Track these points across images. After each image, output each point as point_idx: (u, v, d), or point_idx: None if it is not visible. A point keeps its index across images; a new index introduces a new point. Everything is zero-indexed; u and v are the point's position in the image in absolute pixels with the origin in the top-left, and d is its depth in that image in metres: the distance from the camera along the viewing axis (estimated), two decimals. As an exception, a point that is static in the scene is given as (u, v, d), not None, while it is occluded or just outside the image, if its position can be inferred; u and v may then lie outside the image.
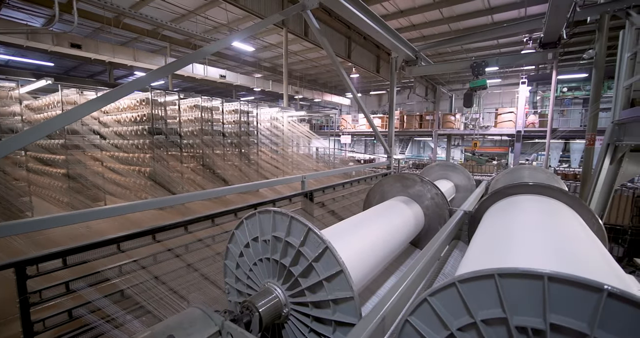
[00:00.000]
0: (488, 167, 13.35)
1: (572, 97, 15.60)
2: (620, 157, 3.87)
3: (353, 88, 5.06)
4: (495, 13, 10.62)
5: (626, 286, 1.11)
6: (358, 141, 27.30)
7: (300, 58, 16.93)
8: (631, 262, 3.72)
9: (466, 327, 0.94)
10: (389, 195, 2.88)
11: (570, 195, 2.36)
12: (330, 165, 12.77)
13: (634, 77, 3.57)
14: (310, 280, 1.25)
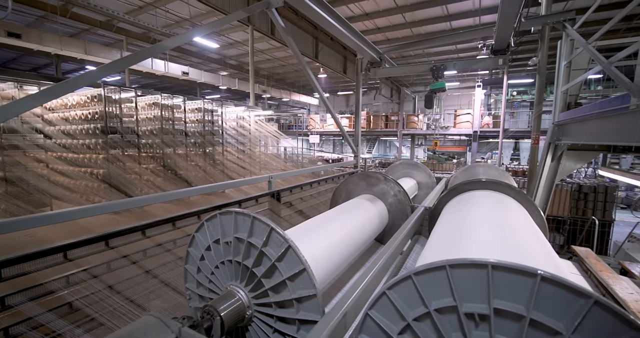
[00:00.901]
0: (448, 165, 14.12)
1: (520, 100, 17.00)
2: (559, 155, 4.29)
3: (319, 88, 5.10)
4: (453, 20, 11.25)
5: (559, 271, 1.23)
6: (327, 141, 27.54)
7: (268, 57, 16.71)
8: (570, 249, 4.14)
9: (421, 316, 0.99)
10: (355, 193, 2.94)
11: (517, 190, 2.57)
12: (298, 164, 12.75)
13: (569, 83, 3.97)
14: (274, 280, 1.24)
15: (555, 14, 4.07)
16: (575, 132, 3.81)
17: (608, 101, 2.77)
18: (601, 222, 6.59)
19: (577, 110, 3.74)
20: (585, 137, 3.45)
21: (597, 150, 4.12)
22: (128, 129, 4.77)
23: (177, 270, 2.23)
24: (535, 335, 0.87)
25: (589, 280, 3.30)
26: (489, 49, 5.66)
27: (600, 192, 6.99)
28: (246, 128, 8.45)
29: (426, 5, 10.16)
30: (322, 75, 17.15)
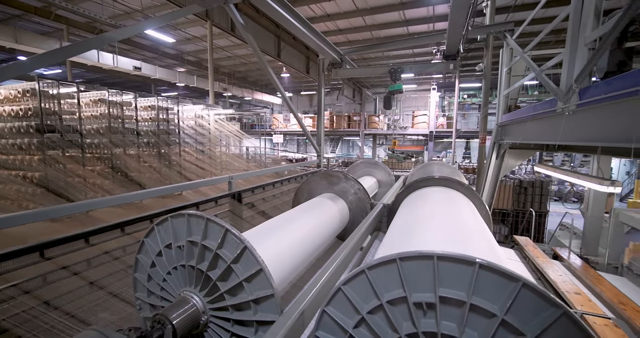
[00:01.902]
0: (407, 164, 14.81)
1: (470, 102, 18.35)
2: (503, 153, 4.70)
3: (281, 87, 5.06)
4: (410, 25, 11.80)
5: (498, 259, 1.35)
6: (290, 140, 27.41)
7: (228, 54, 16.19)
8: (512, 238, 4.57)
9: (375, 309, 1.03)
10: (316, 192, 2.97)
11: (466, 186, 2.78)
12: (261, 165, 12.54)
13: (510, 88, 4.37)
14: (230, 282, 1.21)
15: (497, 24, 4.46)
16: (515, 132, 4.20)
17: (540, 105, 3.09)
18: (538, 213, 7.37)
19: (516, 113, 4.13)
20: (522, 136, 3.83)
21: (533, 149, 4.59)
22: (69, 128, 4.33)
23: (127, 280, 2.08)
24: (475, 318, 0.95)
25: (527, 265, 3.68)
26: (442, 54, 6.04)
27: (537, 186, 7.79)
28: (205, 127, 8.11)
29: (384, 9, 10.54)
30: (284, 75, 17.04)
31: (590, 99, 2.06)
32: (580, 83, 2.26)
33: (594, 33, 2.19)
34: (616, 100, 1.76)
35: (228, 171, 7.68)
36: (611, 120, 1.91)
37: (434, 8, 10.40)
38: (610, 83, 1.86)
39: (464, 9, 3.53)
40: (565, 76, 2.45)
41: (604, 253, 4.00)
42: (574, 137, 2.52)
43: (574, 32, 2.39)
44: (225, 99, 22.03)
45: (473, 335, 0.95)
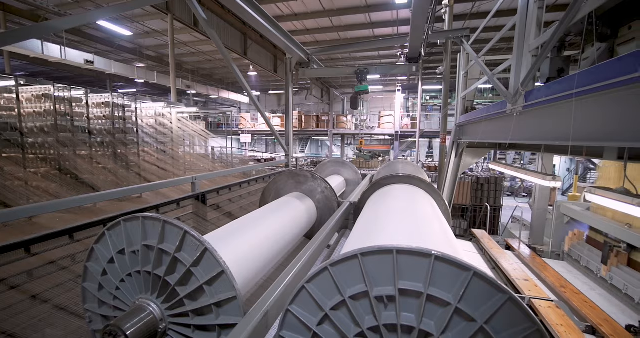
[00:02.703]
0: (374, 163, 15.21)
1: (433, 104, 19.28)
2: (461, 152, 4.99)
3: (247, 86, 4.96)
4: (375, 28, 12.12)
5: (454, 251, 1.43)
6: (259, 140, 26.95)
7: (192, 50, 15.54)
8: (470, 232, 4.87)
9: (338, 305, 1.04)
10: (283, 192, 2.94)
11: (427, 183, 2.91)
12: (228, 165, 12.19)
13: (466, 90, 4.65)
14: (190, 287, 1.16)
15: (454, 30, 4.72)
16: (472, 132, 4.48)
17: (492, 106, 3.33)
18: (493, 207, 7.93)
19: (472, 114, 4.40)
20: (478, 136, 4.09)
21: (487, 148, 4.92)
22: (6, 125, 3.89)
23: (76, 291, 1.91)
24: (432, 308, 1.00)
25: (483, 256, 3.94)
26: (405, 56, 6.26)
27: (492, 183, 8.38)
28: (167, 126, 7.73)
29: (351, 11, 10.72)
30: (252, 73, 16.73)
31: (534, 101, 2.25)
32: (526, 87, 2.46)
33: (536, 41, 2.40)
34: (555, 102, 1.94)
35: (192, 172, 7.37)
36: (551, 121, 2.11)
37: (398, 12, 10.78)
38: (550, 87, 2.05)
39: (424, 15, 3.69)
40: (513, 80, 2.66)
41: (548, 242, 4.41)
42: (521, 136, 2.74)
43: (520, 40, 2.60)
44: (189, 97, 21.15)
45: (430, 324, 1.00)
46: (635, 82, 1.28)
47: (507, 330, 0.94)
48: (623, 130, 1.47)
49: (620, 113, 1.47)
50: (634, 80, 1.28)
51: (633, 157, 2.21)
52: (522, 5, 2.58)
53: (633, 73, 1.26)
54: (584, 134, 1.72)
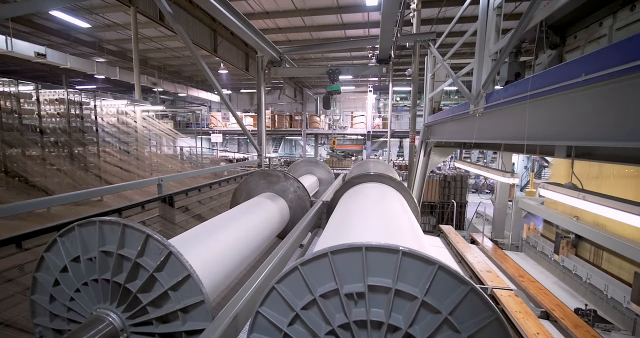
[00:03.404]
0: (347, 162, 15.41)
1: (403, 105, 19.88)
2: (429, 151, 5.19)
3: (217, 84, 4.82)
4: (347, 29, 12.26)
5: (421, 246, 1.48)
6: (231, 140, 26.32)
7: (158, 45, 14.83)
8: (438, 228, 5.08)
9: (308, 304, 1.04)
10: (255, 192, 2.89)
11: (397, 181, 2.99)
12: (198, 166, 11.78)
13: (433, 91, 4.85)
14: (154, 293, 1.11)
15: (422, 34, 4.90)
16: (439, 132, 4.67)
17: (457, 107, 3.49)
18: (459, 204, 8.34)
19: (439, 114, 4.59)
20: (444, 136, 4.27)
21: (453, 147, 5.16)
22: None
23: (25, 305, 1.75)
24: (400, 302, 1.02)
25: (450, 251, 4.13)
26: (376, 58, 6.39)
27: (458, 180, 8.80)
28: (131, 125, 7.32)
29: (323, 12, 10.77)
30: (222, 71, 16.28)
31: (494, 103, 2.39)
32: (487, 89, 2.61)
33: (495, 46, 2.55)
34: (512, 104, 2.08)
35: (159, 173, 7.03)
36: (509, 121, 2.25)
37: (369, 14, 10.98)
38: (507, 89, 2.18)
39: (393, 17, 3.79)
40: (475, 82, 2.81)
41: (508, 235, 4.72)
42: (484, 135, 2.90)
43: (481, 45, 2.75)
44: (156, 95, 20.16)
45: (398, 318, 1.02)
46: (580, 85, 1.40)
47: (470, 319, 0.99)
48: (570, 130, 1.60)
49: (568, 114, 1.59)
50: (579, 84, 1.39)
51: (580, 155, 2.42)
52: (483, 12, 2.73)
53: (578, 77, 1.37)
54: (537, 133, 1.85)
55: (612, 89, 1.30)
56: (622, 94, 1.26)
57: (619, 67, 1.17)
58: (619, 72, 1.18)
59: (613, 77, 1.24)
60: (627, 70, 1.15)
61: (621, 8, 2.17)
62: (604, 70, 1.23)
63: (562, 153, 2.48)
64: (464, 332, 0.97)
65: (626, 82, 1.22)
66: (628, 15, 2.12)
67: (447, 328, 1.00)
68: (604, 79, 1.28)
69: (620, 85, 1.26)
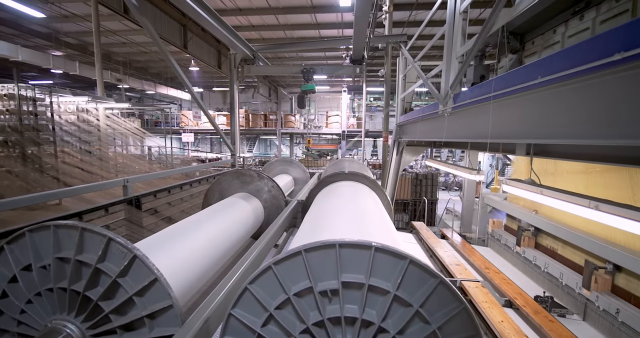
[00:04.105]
0: (323, 161, 15.49)
1: (376, 105, 20.29)
2: (401, 150, 5.33)
3: (187, 81, 4.65)
4: (321, 29, 12.30)
5: (394, 242, 1.52)
6: (203, 139, 25.54)
7: (123, 40, 14.04)
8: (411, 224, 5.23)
9: (282, 304, 1.03)
10: (228, 192, 2.82)
11: (371, 179, 3.04)
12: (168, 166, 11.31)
13: (405, 92, 4.99)
14: (117, 300, 1.04)
15: (394, 35, 5.02)
16: (410, 131, 4.81)
17: (427, 107, 3.61)
18: (430, 201, 8.67)
19: (410, 114, 4.73)
20: (416, 135, 4.40)
21: (424, 146, 5.34)
22: None
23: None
24: (373, 298, 1.04)
25: (422, 246, 4.27)
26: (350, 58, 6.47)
27: (429, 178, 9.13)
28: (93, 123, 6.87)
29: (297, 11, 10.72)
30: (193, 68, 15.75)
31: (461, 103, 2.50)
32: (454, 89, 2.72)
33: (461, 49, 2.67)
34: (477, 104, 2.18)
35: (125, 174, 6.66)
36: (474, 121, 2.37)
37: (342, 15, 11.09)
38: (473, 90, 2.29)
39: (366, 19, 3.85)
40: (443, 83, 2.92)
41: (475, 230, 4.96)
42: (452, 135, 3.02)
43: (448, 48, 2.87)
44: (121, 92, 19.10)
45: (372, 313, 1.04)
46: (537, 87, 1.50)
47: (440, 310, 1.02)
48: (529, 129, 1.71)
49: (527, 114, 1.70)
50: (536, 86, 1.49)
51: (538, 153, 2.59)
52: (450, 16, 2.84)
53: (535, 79, 1.47)
54: (500, 132, 1.96)
55: (564, 90, 1.40)
56: (574, 96, 1.37)
57: (569, 70, 1.26)
58: (570, 75, 1.28)
59: (565, 80, 1.33)
60: (577, 73, 1.24)
61: (572, 17, 2.35)
62: (557, 73, 1.33)
63: (522, 151, 2.64)
64: (434, 323, 1.01)
65: (576, 84, 1.33)
66: (578, 24, 2.30)
67: (418, 321, 1.03)
68: (557, 81, 1.38)
69: (571, 87, 1.36)
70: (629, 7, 1.88)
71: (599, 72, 1.17)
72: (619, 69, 1.09)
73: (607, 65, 1.09)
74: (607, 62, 1.08)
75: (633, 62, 1.01)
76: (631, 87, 1.09)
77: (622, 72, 1.10)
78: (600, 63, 1.11)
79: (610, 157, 1.82)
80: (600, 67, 1.13)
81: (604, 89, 1.20)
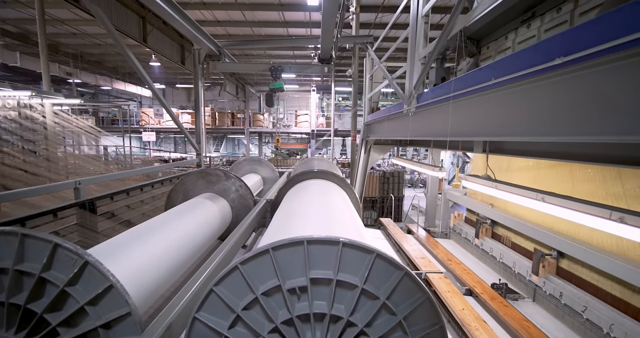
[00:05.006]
0: (292, 161, 15.42)
1: (345, 105, 20.58)
2: (369, 148, 5.45)
3: (147, 76, 4.40)
4: (289, 27, 12.20)
5: (362, 238, 1.55)
6: (166, 139, 24.30)
7: (74, 30, 12.92)
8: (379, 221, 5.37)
9: (250, 304, 1.01)
10: (193, 193, 2.71)
11: (339, 177, 3.07)
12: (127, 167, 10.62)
13: (372, 92, 5.10)
14: (66, 311, 0.96)
15: (360, 36, 5.12)
16: (377, 130, 4.94)
17: (392, 107, 3.73)
18: (397, 197, 8.98)
19: (377, 113, 4.85)
20: (383, 134, 4.52)
21: (391, 144, 5.50)
22: None
23: None
24: (341, 293, 1.05)
25: (389, 241, 4.40)
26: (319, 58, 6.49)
27: (396, 176, 9.44)
28: (39, 121, 6.26)
29: (264, 7, 10.54)
30: (154, 63, 14.92)
31: (423, 103, 2.62)
32: (417, 90, 2.83)
33: (424, 51, 2.78)
34: (438, 104, 2.29)
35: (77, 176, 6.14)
36: (436, 120, 2.48)
37: (311, 14, 11.09)
38: (434, 91, 2.41)
39: (333, 19, 3.90)
40: (407, 84, 3.03)
41: (439, 224, 5.22)
42: (416, 133, 3.14)
43: (412, 50, 2.98)
44: (72, 87, 17.59)
45: (340, 308, 1.05)
46: (491, 88, 1.60)
47: (405, 301, 1.06)
48: (484, 127, 1.83)
49: (482, 113, 1.82)
50: (490, 87, 1.59)
51: (493, 150, 2.78)
52: (413, 19, 2.95)
53: (489, 81, 1.57)
54: (458, 130, 2.07)
55: (515, 91, 1.52)
56: (523, 96, 1.48)
57: (518, 73, 1.37)
58: (519, 77, 1.38)
59: (515, 81, 1.44)
60: (525, 75, 1.35)
61: (520, 25, 2.55)
62: (508, 75, 1.43)
63: (479, 148, 2.82)
64: (400, 314, 1.04)
65: (525, 85, 1.44)
66: (526, 32, 2.50)
67: (385, 313, 1.06)
68: (508, 82, 1.49)
69: (521, 88, 1.47)
70: (567, 18, 2.08)
71: (543, 75, 1.28)
72: (560, 72, 1.20)
73: (550, 69, 1.20)
74: (549, 66, 1.19)
75: (571, 66, 1.12)
76: (570, 89, 1.20)
77: (562, 75, 1.21)
78: (543, 66, 1.22)
79: (555, 153, 2.01)
80: (544, 70, 1.23)
81: (548, 90, 1.32)
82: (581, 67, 1.10)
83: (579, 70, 1.13)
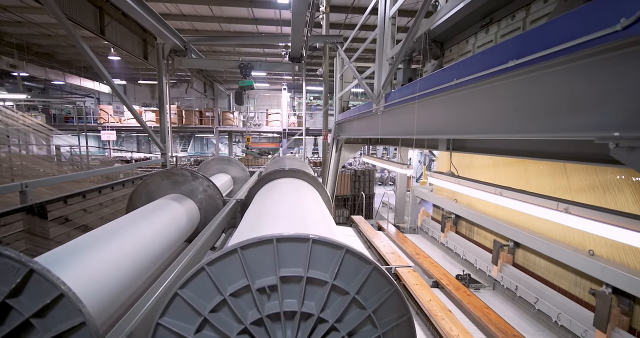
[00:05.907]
0: (263, 160, 15.21)
1: (316, 104, 20.66)
2: (340, 147, 5.51)
3: (105, 71, 4.12)
4: (259, 24, 11.99)
5: (333, 235, 1.56)
6: (128, 138, 22.93)
7: (18, 18, 11.76)
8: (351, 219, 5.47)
9: (218, 306, 0.97)
10: (157, 194, 2.58)
11: (311, 176, 3.07)
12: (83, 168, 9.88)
13: (342, 91, 5.17)
14: (7, 326, 0.87)
15: (330, 36, 5.15)
16: (348, 129, 5.00)
17: (362, 106, 3.80)
18: (367, 195, 9.17)
19: (347, 113, 4.92)
20: (353, 133, 4.59)
21: (361, 143, 5.60)
22: None
23: None
24: (312, 290, 1.05)
25: (361, 238, 4.50)
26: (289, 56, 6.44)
27: (366, 174, 9.64)
28: (-23, 117, 5.64)
29: (233, 3, 10.26)
30: (114, 58, 14.00)
31: (391, 102, 2.69)
32: (385, 89, 2.91)
33: (391, 51, 2.86)
34: (405, 103, 2.37)
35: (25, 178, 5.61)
36: (402, 119, 2.57)
37: (281, 12, 10.97)
38: (401, 91, 2.49)
39: (303, 17, 3.88)
40: (376, 84, 3.10)
41: (407, 220, 5.42)
42: (385, 132, 3.23)
43: (380, 51, 3.05)
44: (17, 81, 16.02)
45: (311, 305, 1.05)
46: (453, 88, 1.68)
47: (374, 295, 1.08)
48: (448, 126, 1.91)
49: (445, 112, 1.90)
50: (452, 87, 1.67)
51: (456, 148, 2.93)
52: (380, 21, 3.02)
53: (451, 81, 1.64)
54: (424, 129, 2.16)
55: (475, 91, 1.61)
56: (483, 96, 1.57)
57: (478, 73, 1.45)
58: (479, 78, 1.46)
59: (475, 82, 1.53)
60: (484, 76, 1.43)
61: (480, 30, 2.70)
62: (469, 75, 1.51)
63: (444, 146, 2.96)
64: (369, 307, 1.06)
65: (485, 86, 1.53)
66: (484, 37, 2.66)
67: (355, 307, 1.07)
68: (469, 83, 1.57)
69: (481, 88, 1.56)
70: (520, 25, 2.25)
71: (500, 76, 1.37)
72: (513, 73, 1.29)
73: (505, 70, 1.28)
74: (504, 68, 1.27)
75: (523, 68, 1.20)
76: (523, 89, 1.29)
77: (515, 77, 1.30)
78: (499, 68, 1.30)
79: (512, 150, 2.15)
80: (500, 71, 1.32)
81: (505, 90, 1.41)
82: (531, 69, 1.19)
83: (529, 72, 1.22)
